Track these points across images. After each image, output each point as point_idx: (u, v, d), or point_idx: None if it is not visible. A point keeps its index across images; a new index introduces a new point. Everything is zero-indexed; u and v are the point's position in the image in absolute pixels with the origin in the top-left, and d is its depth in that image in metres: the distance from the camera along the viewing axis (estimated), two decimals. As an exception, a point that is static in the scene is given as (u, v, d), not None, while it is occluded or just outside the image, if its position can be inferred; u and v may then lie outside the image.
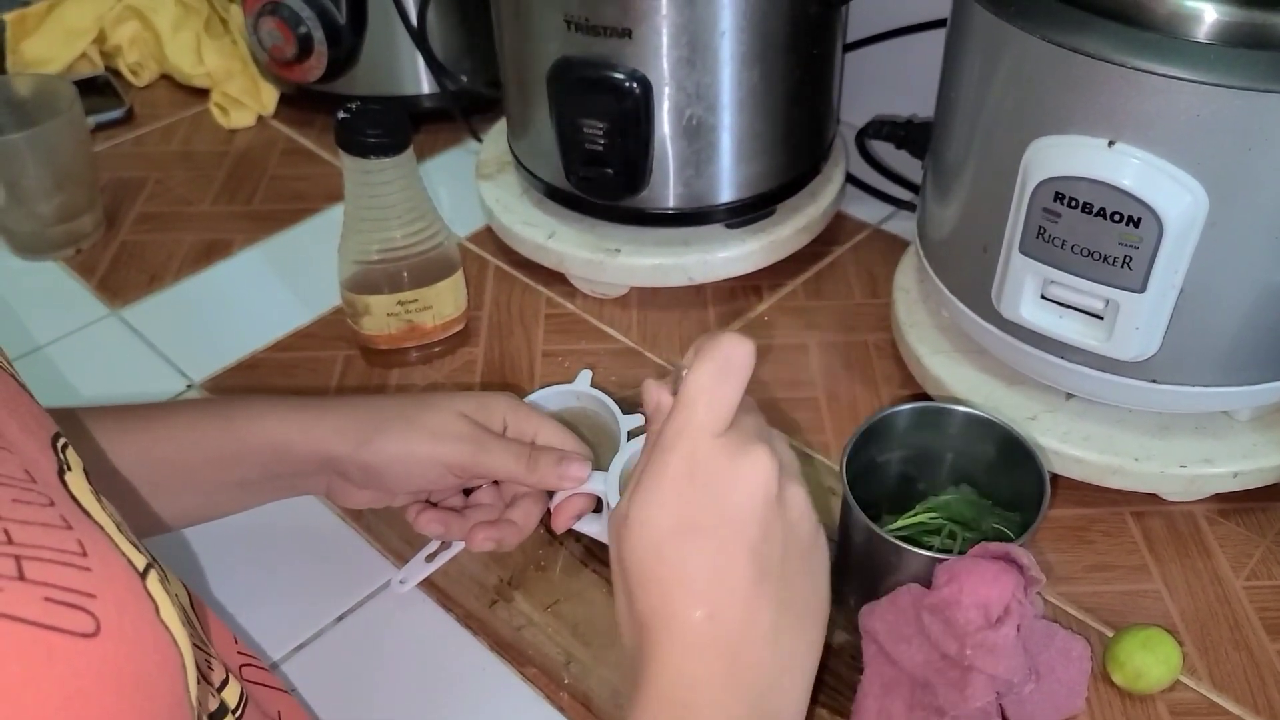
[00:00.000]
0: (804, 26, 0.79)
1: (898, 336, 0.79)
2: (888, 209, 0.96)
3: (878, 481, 0.64)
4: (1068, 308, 0.63)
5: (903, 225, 0.95)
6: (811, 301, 0.88)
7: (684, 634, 0.43)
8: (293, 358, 0.83)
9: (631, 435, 0.65)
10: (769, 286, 0.89)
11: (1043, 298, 0.64)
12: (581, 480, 0.59)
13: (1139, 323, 0.61)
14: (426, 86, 1.07)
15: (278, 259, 0.94)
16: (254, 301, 0.89)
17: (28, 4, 1.16)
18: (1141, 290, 0.59)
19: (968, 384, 0.72)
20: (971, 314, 0.70)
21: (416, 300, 0.79)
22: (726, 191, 0.84)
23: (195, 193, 1.02)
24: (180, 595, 0.43)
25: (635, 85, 0.76)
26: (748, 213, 0.86)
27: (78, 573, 0.29)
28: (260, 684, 0.49)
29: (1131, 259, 0.58)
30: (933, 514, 0.63)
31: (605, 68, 0.76)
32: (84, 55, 1.15)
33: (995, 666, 0.52)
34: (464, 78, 1.05)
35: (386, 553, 0.68)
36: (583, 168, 0.81)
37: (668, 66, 0.76)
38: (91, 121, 1.06)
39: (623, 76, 0.76)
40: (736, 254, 0.85)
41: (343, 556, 0.68)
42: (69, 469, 0.35)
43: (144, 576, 0.32)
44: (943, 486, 0.65)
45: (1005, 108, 0.62)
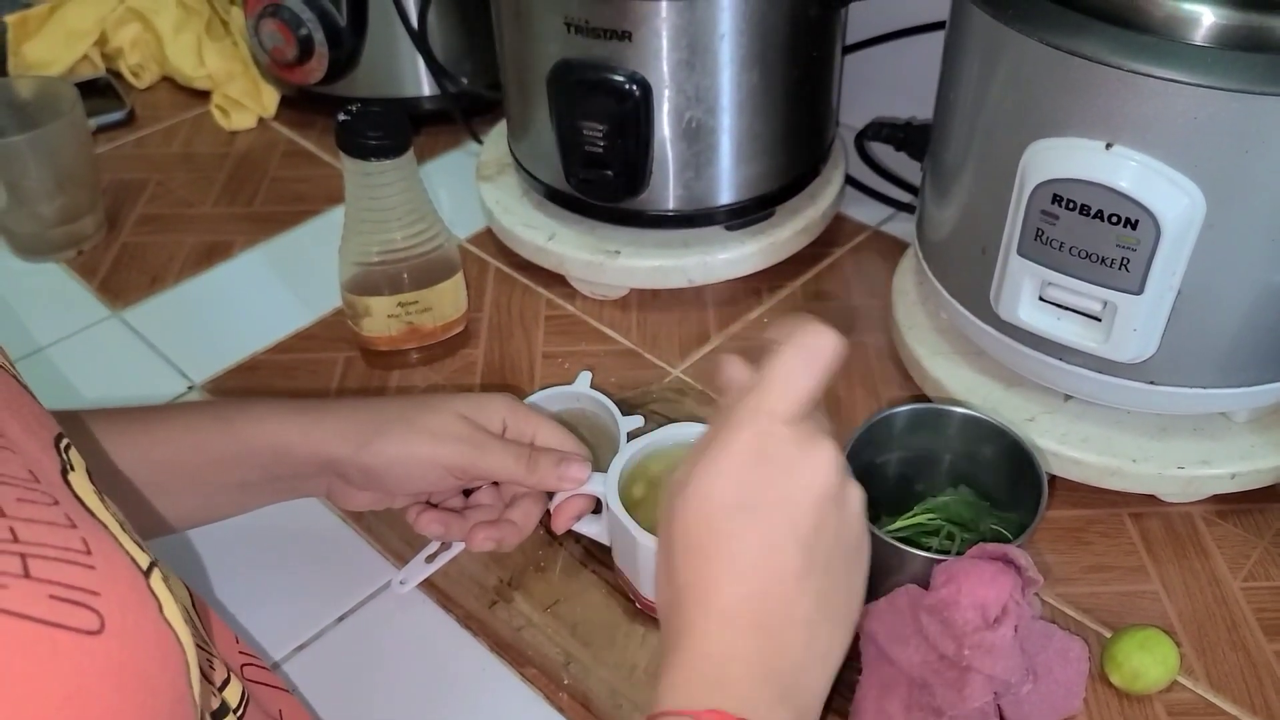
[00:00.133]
0: (803, 29, 0.80)
1: (897, 338, 0.79)
2: (887, 211, 0.96)
3: (876, 483, 0.64)
4: (1066, 309, 0.64)
5: (902, 227, 0.95)
6: (811, 303, 0.88)
7: (724, 609, 0.43)
8: (293, 359, 0.84)
9: (630, 436, 0.66)
10: (768, 288, 0.89)
11: (1041, 299, 0.64)
12: (581, 481, 0.59)
13: (1136, 324, 0.61)
14: (427, 88, 1.07)
15: (278, 261, 0.94)
16: (255, 303, 0.89)
17: (29, 6, 1.16)
18: (1139, 292, 0.59)
19: (966, 386, 0.73)
20: (970, 316, 0.70)
21: (417, 302, 0.80)
22: (726, 193, 0.84)
23: (196, 194, 1.02)
24: (181, 595, 0.43)
25: (635, 87, 0.76)
26: (747, 215, 0.86)
27: (82, 571, 0.30)
28: (261, 683, 0.49)
29: (1129, 261, 0.59)
30: (931, 515, 0.63)
31: (605, 70, 0.76)
32: (85, 57, 1.16)
33: (993, 667, 0.52)
34: (464, 80, 1.05)
35: (387, 553, 0.68)
36: (583, 170, 0.82)
37: (667, 69, 0.76)
38: (93, 123, 1.06)
39: (622, 79, 0.76)
40: (736, 256, 0.86)
41: (343, 557, 0.68)
42: (72, 469, 0.35)
43: (147, 575, 0.33)
44: (941, 488, 0.66)
45: (1003, 110, 0.62)
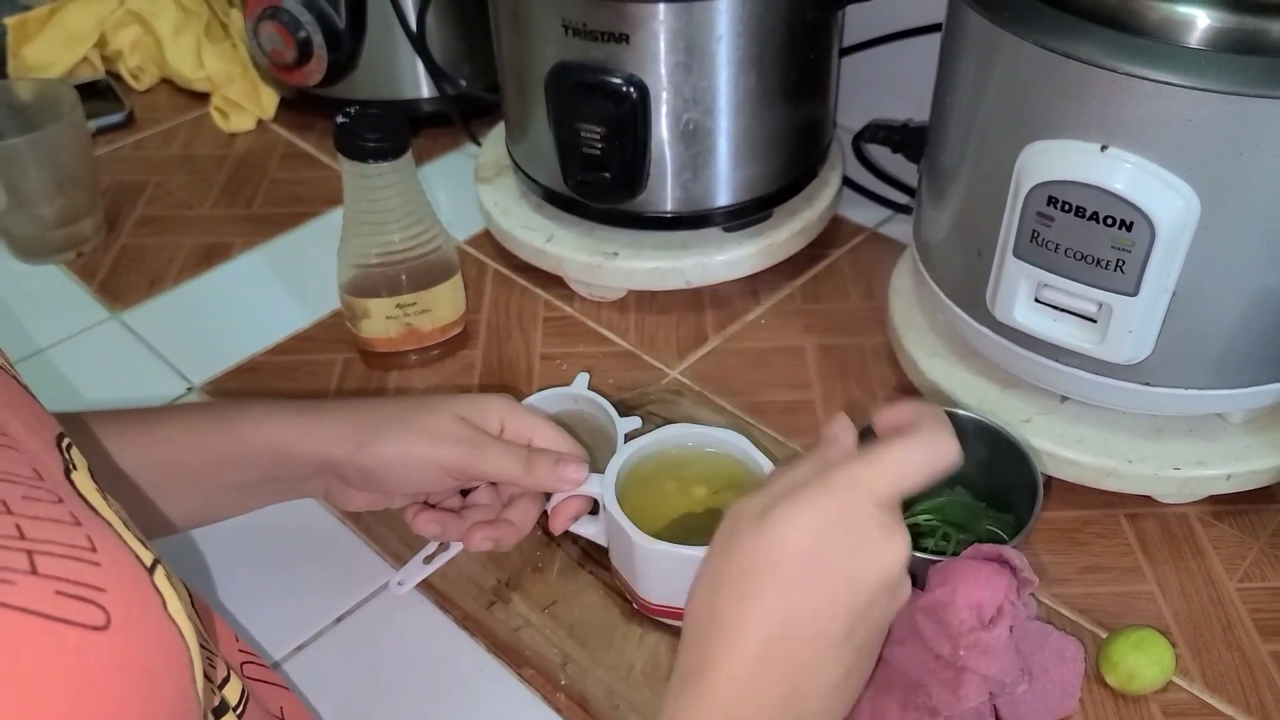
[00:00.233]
0: (800, 31, 0.80)
1: (894, 340, 0.80)
2: (884, 212, 0.96)
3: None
4: (1061, 311, 0.64)
5: (899, 229, 0.95)
6: (808, 305, 0.88)
7: (761, 651, 0.44)
8: (292, 361, 0.84)
9: (628, 438, 0.66)
10: (766, 290, 0.89)
11: (1036, 301, 0.64)
12: (578, 482, 0.60)
13: (1132, 326, 0.61)
14: (426, 90, 1.07)
15: (277, 262, 0.94)
16: (254, 305, 0.89)
17: (29, 8, 1.16)
18: (1134, 294, 0.60)
19: (963, 387, 0.73)
20: (966, 317, 0.70)
21: (415, 303, 0.80)
22: (724, 195, 0.84)
23: (195, 196, 1.02)
24: (183, 592, 0.43)
25: (632, 90, 0.76)
26: (745, 216, 0.86)
27: (88, 567, 0.30)
28: (261, 681, 0.49)
29: (1124, 262, 0.59)
30: (927, 516, 0.63)
31: (602, 72, 0.76)
32: (85, 59, 1.16)
33: (988, 667, 0.52)
34: (463, 82, 1.06)
35: (385, 554, 0.68)
36: (581, 171, 0.82)
37: (665, 71, 0.76)
38: (92, 125, 1.06)
39: (620, 81, 0.76)
40: (734, 257, 0.86)
41: (342, 558, 0.68)
42: (75, 468, 0.35)
43: (151, 572, 0.33)
44: (937, 489, 0.65)
45: (999, 112, 0.63)
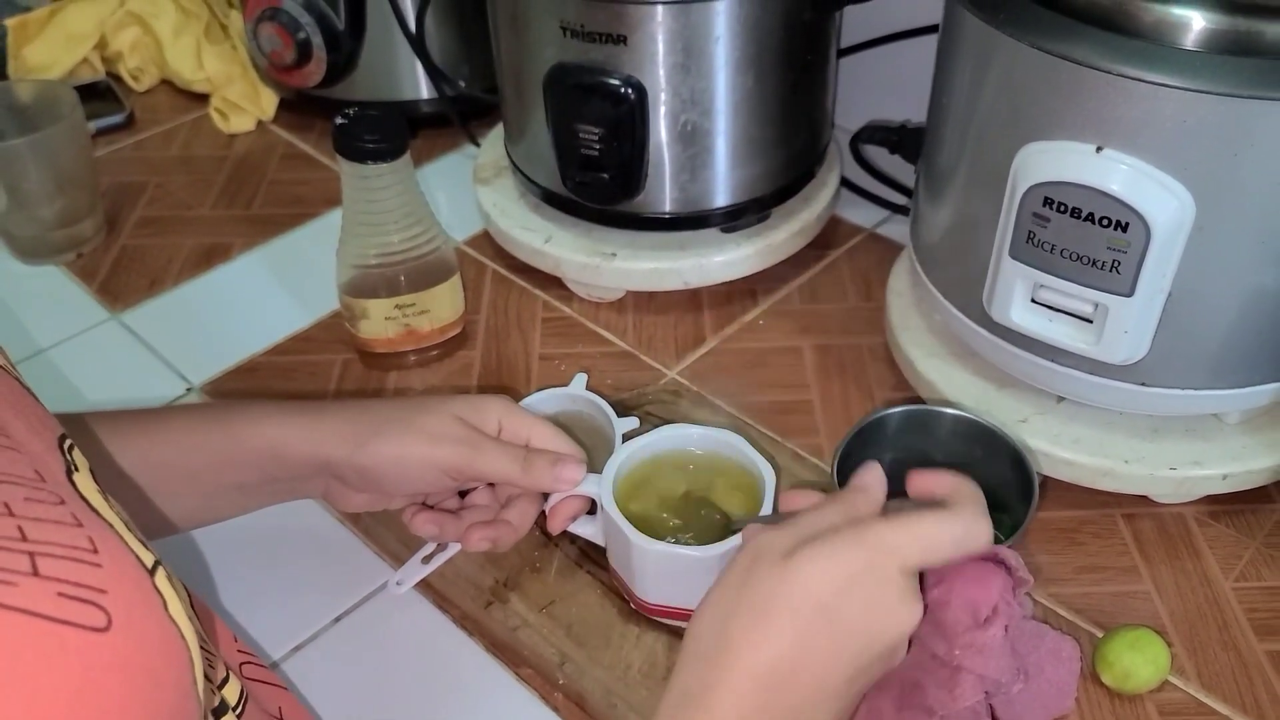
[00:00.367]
0: (798, 32, 0.80)
1: (891, 340, 0.80)
2: (882, 213, 0.97)
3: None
4: (1057, 311, 0.64)
5: (897, 230, 0.95)
6: (806, 305, 0.88)
7: (767, 683, 0.44)
8: (291, 361, 0.84)
9: (626, 438, 0.66)
10: (764, 290, 0.89)
11: (1033, 301, 0.64)
12: (576, 482, 0.60)
13: (1128, 326, 0.61)
14: (425, 92, 1.07)
15: (277, 263, 0.94)
16: (253, 305, 0.90)
17: (29, 10, 1.16)
18: (1130, 294, 0.60)
19: (960, 387, 0.73)
20: (963, 317, 0.70)
21: (414, 304, 0.80)
22: (722, 196, 0.84)
23: (195, 197, 1.03)
24: (183, 593, 0.44)
25: (630, 91, 0.77)
26: (743, 217, 0.86)
27: (89, 569, 0.30)
28: (260, 681, 0.50)
29: (1120, 263, 0.59)
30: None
31: (600, 73, 0.77)
32: (85, 61, 1.16)
33: (984, 667, 0.52)
34: (462, 83, 1.06)
35: (383, 554, 0.68)
36: (579, 172, 0.82)
37: (663, 72, 0.76)
38: (92, 126, 1.06)
39: (618, 82, 0.76)
40: (732, 258, 0.86)
41: (340, 558, 0.68)
42: (76, 469, 0.36)
43: (152, 573, 0.33)
44: (934, 488, 0.66)
45: (995, 113, 0.63)
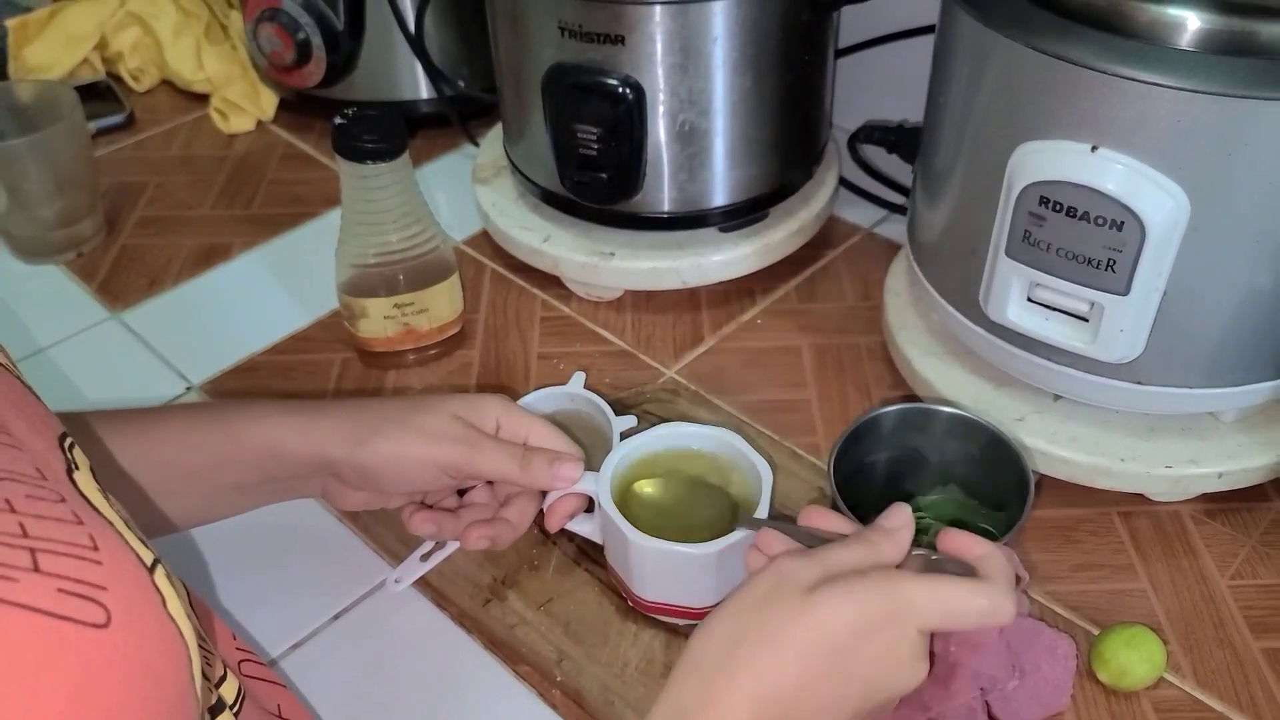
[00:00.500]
0: (796, 33, 0.80)
1: (889, 339, 0.80)
2: (880, 213, 0.97)
3: (866, 483, 0.65)
4: (1053, 310, 0.64)
5: (895, 229, 0.95)
6: (804, 304, 0.89)
7: (765, 703, 0.44)
8: (291, 360, 0.84)
9: (624, 437, 0.66)
10: (762, 290, 0.90)
11: (1029, 300, 0.65)
12: (573, 480, 0.60)
13: (1123, 325, 0.62)
14: (424, 92, 1.08)
15: (276, 263, 0.95)
16: (253, 305, 0.90)
17: (30, 10, 1.17)
18: (1125, 293, 0.60)
19: (957, 386, 0.73)
20: (960, 316, 0.71)
21: (413, 303, 0.80)
22: (720, 195, 0.84)
23: (195, 197, 1.03)
24: (182, 591, 0.44)
25: (628, 91, 0.77)
26: (741, 216, 0.86)
27: (90, 566, 0.30)
28: (259, 679, 0.50)
29: (1115, 262, 0.59)
30: (920, 514, 0.64)
31: (599, 74, 0.77)
32: (85, 61, 1.16)
33: (979, 663, 0.53)
34: (461, 83, 1.06)
35: (382, 552, 0.69)
36: (577, 172, 0.82)
37: (661, 72, 0.77)
38: (93, 127, 1.07)
39: (616, 82, 0.77)
40: (730, 257, 0.86)
41: (339, 556, 0.69)
42: (77, 467, 0.36)
43: (152, 571, 0.33)
44: (930, 487, 0.66)
45: (991, 113, 0.63)
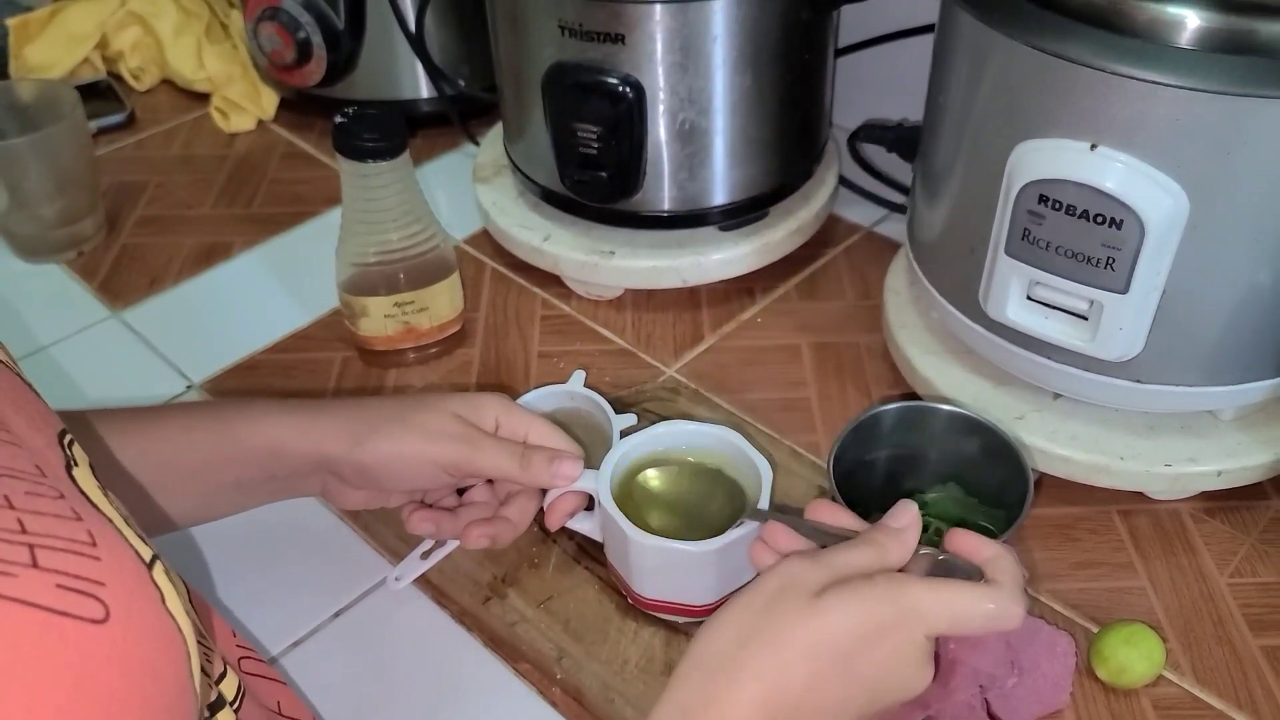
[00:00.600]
0: (796, 32, 0.80)
1: (888, 338, 0.80)
2: (880, 212, 0.97)
3: (865, 480, 0.65)
4: (1053, 308, 0.64)
5: (895, 228, 0.95)
6: (804, 303, 0.89)
7: (769, 706, 0.44)
8: (291, 359, 0.84)
9: (623, 435, 0.66)
10: (762, 288, 0.90)
11: (1028, 299, 0.65)
12: (573, 478, 0.60)
13: (1123, 323, 0.62)
14: (425, 91, 1.08)
15: (277, 261, 0.95)
16: (253, 303, 0.90)
17: (30, 10, 1.17)
18: (1125, 291, 0.60)
19: (957, 384, 0.73)
20: (959, 315, 0.71)
21: (413, 302, 0.80)
22: (720, 194, 0.84)
23: (195, 196, 1.03)
24: (181, 588, 0.44)
25: (628, 90, 0.77)
26: (741, 215, 0.86)
27: (88, 562, 0.30)
28: (259, 675, 0.50)
29: (1114, 260, 0.59)
30: (920, 512, 0.64)
31: (599, 73, 0.77)
32: (86, 60, 1.16)
33: (978, 660, 0.53)
34: (461, 82, 1.06)
35: (382, 550, 0.69)
36: (577, 171, 0.82)
37: (661, 71, 0.77)
38: (93, 126, 1.07)
39: (616, 81, 0.77)
40: (730, 256, 0.86)
41: (339, 554, 0.69)
42: (76, 464, 0.36)
43: (150, 567, 0.34)
44: (929, 485, 0.66)
45: (991, 112, 0.63)
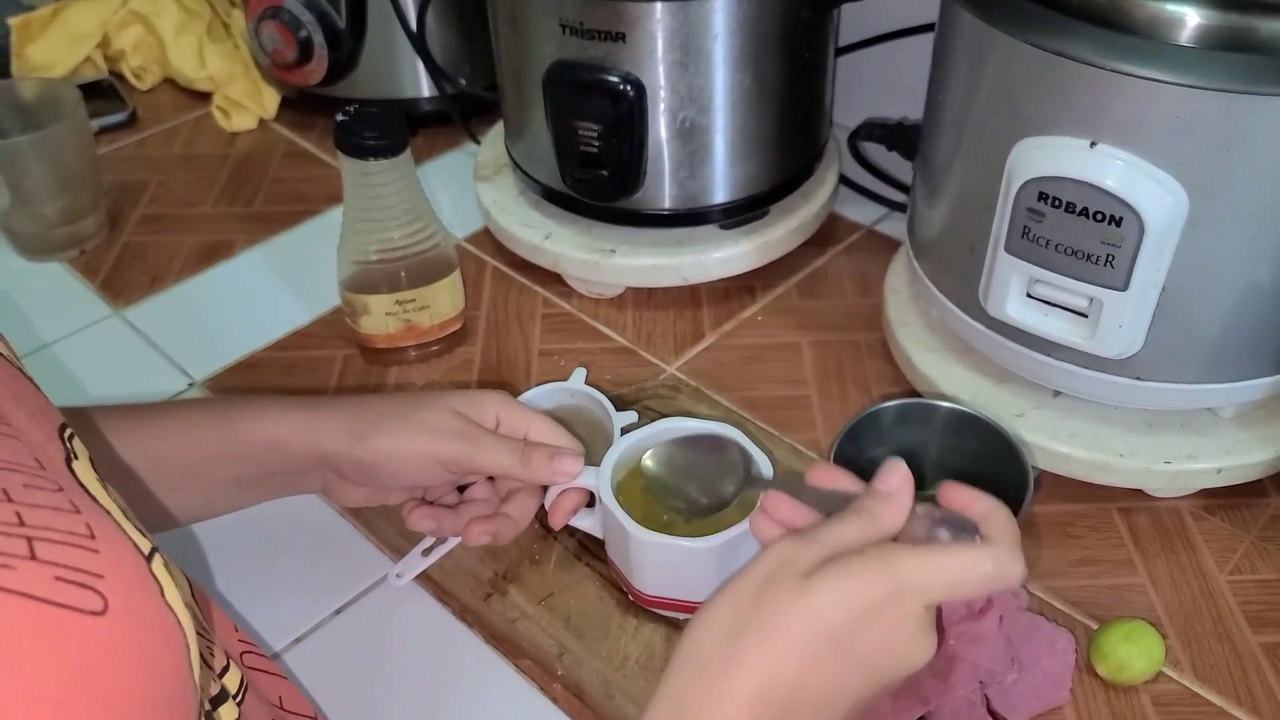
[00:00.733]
0: (796, 30, 0.81)
1: (889, 336, 0.80)
2: (881, 210, 0.97)
3: (865, 478, 0.64)
4: (1053, 306, 0.64)
5: (895, 226, 0.95)
6: (804, 301, 0.89)
7: (766, 695, 0.43)
8: (292, 357, 0.84)
9: (624, 432, 0.66)
10: (762, 287, 0.90)
11: (1028, 296, 0.65)
12: (573, 475, 0.60)
13: (1122, 320, 0.62)
14: (426, 90, 1.08)
15: (278, 260, 0.95)
16: (254, 302, 0.90)
17: (32, 9, 1.17)
18: (1124, 289, 0.60)
19: (957, 382, 0.73)
20: (959, 313, 0.71)
21: (414, 300, 0.80)
22: (720, 193, 0.85)
23: (197, 195, 1.03)
24: (182, 582, 0.44)
25: (629, 88, 0.77)
26: (741, 214, 0.87)
27: (87, 554, 0.31)
28: (261, 670, 0.50)
29: (1114, 258, 0.60)
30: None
31: (599, 71, 0.77)
32: (88, 59, 1.17)
33: (978, 655, 0.53)
34: (462, 81, 1.06)
35: (384, 547, 0.69)
36: (578, 169, 0.82)
37: (661, 70, 0.77)
38: (95, 125, 1.07)
39: (617, 80, 0.77)
40: (730, 254, 0.86)
41: (341, 551, 0.69)
42: (76, 457, 0.36)
43: (149, 560, 0.34)
44: (929, 482, 0.66)
45: (991, 110, 0.63)
